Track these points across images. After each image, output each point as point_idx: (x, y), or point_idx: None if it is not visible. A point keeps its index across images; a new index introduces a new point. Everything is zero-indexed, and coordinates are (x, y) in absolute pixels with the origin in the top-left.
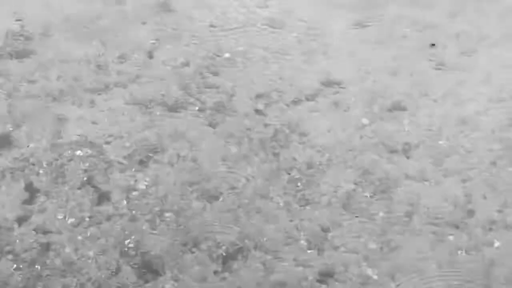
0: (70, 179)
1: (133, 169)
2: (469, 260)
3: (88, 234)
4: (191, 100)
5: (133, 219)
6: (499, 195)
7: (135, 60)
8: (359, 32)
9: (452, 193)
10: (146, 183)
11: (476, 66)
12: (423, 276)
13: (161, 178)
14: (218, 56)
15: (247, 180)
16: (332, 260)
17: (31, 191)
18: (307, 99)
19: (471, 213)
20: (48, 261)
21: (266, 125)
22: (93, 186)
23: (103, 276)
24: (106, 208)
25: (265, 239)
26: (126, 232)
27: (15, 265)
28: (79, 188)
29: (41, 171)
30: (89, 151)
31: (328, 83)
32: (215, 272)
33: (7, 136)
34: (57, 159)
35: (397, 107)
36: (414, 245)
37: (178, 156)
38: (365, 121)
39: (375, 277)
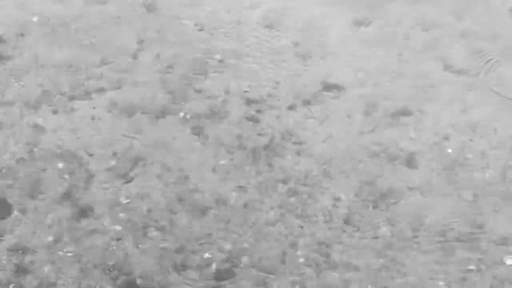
0: (48, 193)
1: (116, 182)
2: (480, 277)
3: (68, 252)
4: (178, 106)
5: (116, 235)
6: (511, 208)
7: (118, 64)
8: (360, 32)
9: (461, 206)
10: (130, 196)
11: (485, 68)
12: None
13: (147, 191)
14: (207, 59)
15: (240, 192)
16: (332, 279)
17: (5, 207)
18: (304, 105)
19: (481, 227)
20: (24, 282)
21: (259, 133)
22: (73, 201)
23: None
24: (87, 224)
25: (259, 256)
26: (109, 250)
27: None
28: (57, 203)
29: (15, 185)
30: (69, 162)
31: (327, 87)
32: None
33: None
34: (33, 171)
35: (400, 113)
36: (420, 262)
37: (165, 167)
38: (366, 128)
39: None
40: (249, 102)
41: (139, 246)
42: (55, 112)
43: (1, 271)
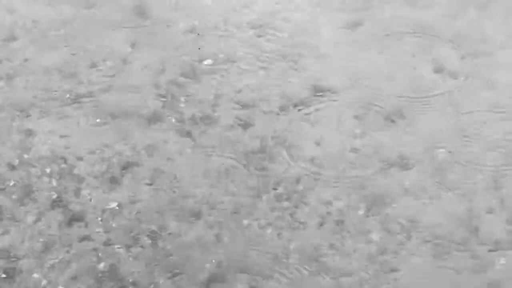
0: (38, 198)
1: (107, 187)
2: (473, 282)
3: (58, 258)
4: (169, 110)
5: (107, 241)
6: (504, 210)
7: (108, 68)
8: (352, 35)
9: (454, 209)
10: (121, 202)
11: (478, 71)
12: None
13: (137, 196)
14: (198, 62)
15: (231, 197)
16: (324, 283)
17: None
18: (295, 108)
19: (474, 230)
20: None
21: (251, 137)
22: (63, 206)
23: None
24: (78, 229)
25: (251, 261)
26: (100, 256)
27: None
28: (48, 208)
29: (5, 190)
30: (59, 168)
31: (318, 91)
32: None
33: None
34: (23, 177)
35: (393, 116)
36: (413, 266)
37: (156, 171)
38: (358, 131)
39: None
40: (240, 106)
41: (130, 251)
42: (45, 116)
43: None
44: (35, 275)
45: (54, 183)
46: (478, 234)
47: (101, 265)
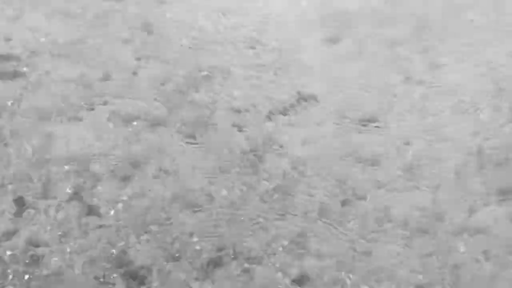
0: (58, 193)
1: (119, 183)
2: (437, 263)
3: (76, 245)
4: (173, 116)
5: (119, 230)
6: (465, 201)
7: (119, 79)
8: (331, 49)
9: (421, 200)
10: (131, 195)
11: (442, 79)
12: (395, 279)
13: (146, 190)
14: (197, 74)
15: (227, 191)
16: (310, 266)
17: (21, 205)
18: (283, 113)
19: (439, 219)
20: (37, 272)
21: (244, 139)
22: (80, 200)
23: (90, 284)
24: (93, 220)
25: (245, 247)
26: (113, 243)
27: (6, 276)
28: (66, 202)
29: (30, 186)
30: (76, 166)
31: (303, 98)
32: (197, 280)
33: None
34: (45, 174)
35: (367, 120)
36: (385, 251)
37: (161, 169)
38: (337, 133)
39: (349, 281)
40: (235, 111)
41: (140, 239)
42: (64, 121)
43: (17, 262)
44: (56, 260)
45: (72, 179)
46: (442, 222)
47: (114, 251)
